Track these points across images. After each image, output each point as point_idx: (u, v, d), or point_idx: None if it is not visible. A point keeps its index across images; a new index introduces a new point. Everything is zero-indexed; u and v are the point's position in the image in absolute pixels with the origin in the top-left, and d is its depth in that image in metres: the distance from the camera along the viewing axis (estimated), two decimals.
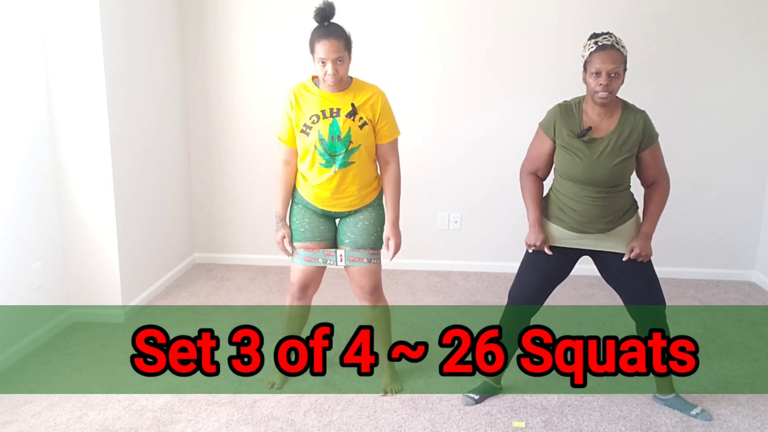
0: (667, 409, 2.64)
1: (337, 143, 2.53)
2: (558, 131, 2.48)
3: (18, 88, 3.04)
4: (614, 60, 2.33)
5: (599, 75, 2.33)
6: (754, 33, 3.94)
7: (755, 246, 4.22)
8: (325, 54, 2.42)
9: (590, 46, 2.39)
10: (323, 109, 2.52)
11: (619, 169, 2.41)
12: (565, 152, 2.46)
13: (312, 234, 2.67)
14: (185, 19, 4.23)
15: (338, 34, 2.46)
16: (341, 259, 2.64)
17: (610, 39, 2.36)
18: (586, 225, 2.49)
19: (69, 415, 2.58)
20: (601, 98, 2.36)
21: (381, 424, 2.53)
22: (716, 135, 4.10)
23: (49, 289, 3.31)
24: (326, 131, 2.52)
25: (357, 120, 2.53)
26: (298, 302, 2.78)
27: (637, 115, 2.44)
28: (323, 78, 2.47)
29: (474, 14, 4.07)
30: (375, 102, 2.57)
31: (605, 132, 2.42)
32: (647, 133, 2.43)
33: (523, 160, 2.66)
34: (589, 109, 2.45)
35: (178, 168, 4.25)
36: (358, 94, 2.55)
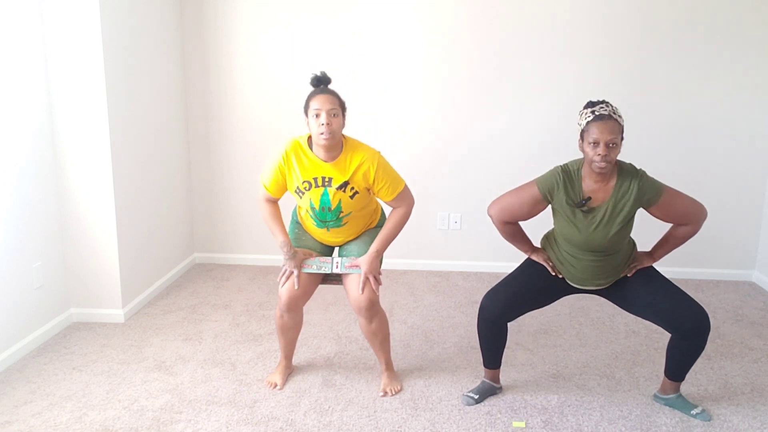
0: (667, 409, 2.64)
1: (327, 213, 2.58)
2: (558, 198, 2.43)
3: (18, 88, 3.03)
4: (612, 130, 2.27)
5: (597, 145, 2.29)
6: (754, 33, 3.94)
7: (755, 246, 4.22)
8: (319, 104, 2.42)
9: (587, 115, 2.34)
10: (315, 177, 2.52)
11: (617, 237, 2.40)
12: (563, 220, 2.45)
13: (311, 244, 2.72)
14: (185, 20, 4.23)
15: (333, 93, 2.49)
16: (337, 265, 2.62)
17: (606, 108, 2.31)
18: (585, 281, 2.52)
19: (69, 415, 2.58)
20: (599, 168, 2.32)
21: (381, 424, 2.53)
22: (716, 135, 4.10)
23: (49, 289, 3.31)
24: (317, 201, 2.55)
25: (348, 190, 2.53)
26: (287, 314, 2.69)
27: (632, 181, 2.37)
28: (318, 133, 2.43)
29: (477, 15, 4.07)
30: (368, 170, 2.52)
31: (602, 200, 2.40)
32: (643, 195, 2.36)
33: (496, 207, 2.54)
34: (587, 176, 2.41)
35: (178, 168, 4.25)
36: (351, 161, 2.52)
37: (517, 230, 2.60)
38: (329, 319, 3.55)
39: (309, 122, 2.47)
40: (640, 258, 2.56)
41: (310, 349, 3.18)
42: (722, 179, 4.15)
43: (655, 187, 2.38)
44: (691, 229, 2.46)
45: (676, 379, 2.60)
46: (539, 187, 2.45)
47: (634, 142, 4.04)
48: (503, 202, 2.53)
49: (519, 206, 2.49)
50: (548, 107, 4.16)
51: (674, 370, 2.58)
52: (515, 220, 2.54)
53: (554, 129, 4.15)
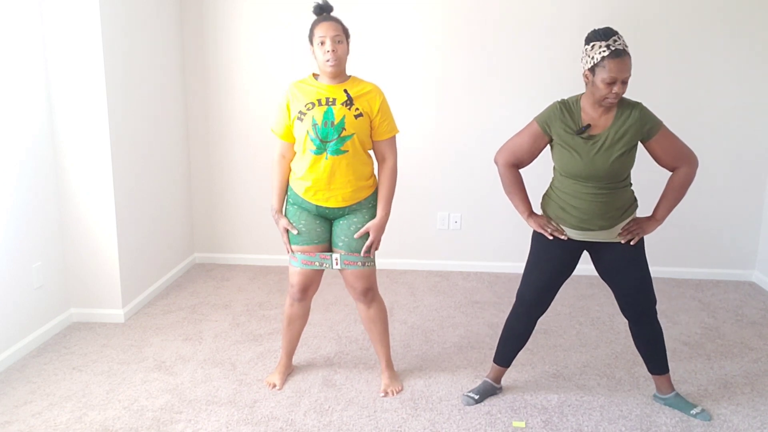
0: (667, 409, 2.64)
1: (329, 128, 2.53)
2: (556, 129, 2.46)
3: (18, 88, 3.03)
4: (628, 67, 2.25)
5: (613, 83, 2.28)
6: (754, 34, 3.94)
7: (755, 246, 4.22)
8: (324, 31, 2.47)
9: (602, 49, 2.27)
10: (319, 98, 2.54)
11: (618, 164, 2.40)
12: (564, 150, 2.45)
13: (309, 237, 2.67)
14: (185, 20, 4.23)
15: (336, 20, 2.54)
16: (336, 262, 2.65)
17: (620, 41, 2.27)
18: (588, 222, 2.48)
19: (69, 415, 2.58)
20: (610, 103, 2.34)
21: (381, 424, 2.53)
22: (716, 135, 4.10)
23: (49, 289, 3.31)
24: (320, 117, 2.53)
25: (353, 110, 2.54)
26: (298, 303, 2.78)
27: (633, 110, 2.40)
28: (324, 60, 2.47)
29: (475, 14, 4.07)
30: (373, 98, 2.59)
31: (602, 128, 2.41)
32: (645, 125, 2.40)
33: (501, 151, 2.59)
34: (587, 107, 2.43)
35: (178, 168, 4.25)
36: (355, 87, 2.58)
37: (518, 180, 2.60)
38: (329, 319, 3.55)
39: (314, 50, 2.51)
40: (643, 223, 2.51)
41: (310, 349, 3.18)
42: (722, 179, 4.15)
43: (654, 118, 2.43)
44: (687, 171, 2.48)
45: (659, 371, 2.63)
46: (538, 121, 2.50)
47: None
48: (507, 144, 2.58)
49: (520, 145, 2.53)
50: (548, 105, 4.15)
51: (652, 363, 2.63)
52: (519, 161, 2.56)
53: None
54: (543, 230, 2.53)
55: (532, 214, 2.59)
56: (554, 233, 2.51)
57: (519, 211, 2.62)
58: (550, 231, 2.52)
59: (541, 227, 2.54)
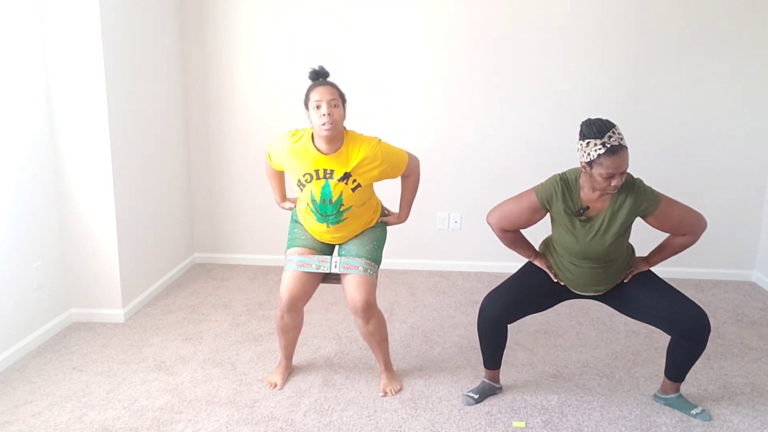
0: (667, 409, 2.64)
1: (328, 206, 2.57)
2: (556, 208, 2.42)
3: (18, 88, 3.03)
4: (625, 161, 2.21)
5: (611, 177, 2.24)
6: (755, 35, 3.94)
7: (755, 246, 4.22)
8: (320, 96, 2.41)
9: (597, 147, 2.22)
10: (317, 169, 2.52)
11: (614, 247, 2.39)
12: (561, 228, 2.44)
13: (311, 243, 2.70)
14: (185, 21, 4.23)
15: (332, 84, 2.49)
16: (336, 265, 2.62)
17: (615, 136, 2.22)
18: (584, 287, 2.52)
19: (69, 415, 2.58)
20: (609, 193, 2.32)
21: (381, 424, 2.53)
22: (716, 135, 4.10)
23: (49, 289, 3.31)
24: (318, 193, 2.54)
25: (350, 183, 2.53)
26: (288, 315, 2.68)
27: (629, 192, 2.34)
28: (319, 124, 2.41)
29: (478, 15, 4.07)
30: (370, 160, 2.52)
31: (599, 210, 2.38)
32: (640, 206, 2.34)
33: (495, 215, 2.52)
34: (585, 185, 2.38)
35: (178, 168, 4.25)
36: (352, 153, 2.51)
37: (518, 237, 2.59)
38: (329, 319, 3.54)
39: (310, 115, 2.46)
40: (637, 263, 2.56)
41: (310, 349, 3.18)
42: (722, 179, 4.15)
43: (651, 197, 2.35)
44: (689, 239, 2.44)
45: (676, 379, 2.60)
46: (538, 195, 2.44)
47: (631, 143, 4.04)
48: (502, 209, 2.51)
49: (518, 214, 2.48)
50: (548, 107, 4.15)
51: (674, 370, 2.58)
52: (514, 228, 2.53)
53: (554, 129, 4.15)
54: (548, 271, 2.56)
55: (537, 256, 2.61)
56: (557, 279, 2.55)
57: (524, 256, 2.64)
58: (553, 273, 2.55)
59: (548, 268, 2.57)
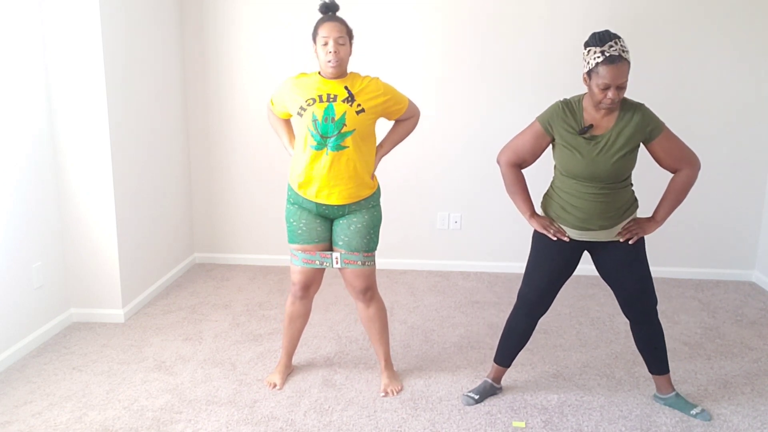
0: (667, 409, 2.64)
1: (330, 124, 2.54)
2: (558, 129, 2.45)
3: (18, 88, 3.03)
4: (623, 73, 2.24)
5: (607, 88, 2.28)
6: (754, 32, 3.94)
7: (755, 246, 4.22)
8: (327, 32, 2.50)
9: (596, 55, 2.27)
10: (320, 94, 2.56)
11: (620, 165, 2.40)
12: (566, 150, 2.45)
13: (309, 236, 2.67)
14: (185, 20, 4.23)
15: (341, 20, 2.57)
16: (337, 261, 2.67)
17: (616, 46, 2.25)
18: (588, 221, 2.48)
19: (69, 415, 2.58)
20: (606, 108, 2.35)
21: (381, 424, 2.53)
22: (716, 135, 4.10)
23: (49, 289, 3.31)
24: (320, 113, 2.54)
25: (354, 105, 2.55)
26: (300, 301, 2.78)
27: (635, 111, 2.40)
28: (325, 60, 2.51)
29: (477, 15, 4.07)
30: (373, 89, 2.59)
31: (605, 129, 2.41)
32: (647, 126, 2.39)
33: (503, 151, 2.60)
34: (589, 107, 2.42)
35: (178, 168, 4.25)
36: (355, 82, 2.59)
37: (521, 180, 2.60)
38: (329, 319, 3.55)
39: (317, 50, 2.54)
40: (643, 224, 2.52)
41: (310, 349, 3.18)
42: (722, 179, 4.15)
43: (656, 120, 2.42)
44: (688, 173, 2.47)
45: (658, 371, 2.63)
46: (540, 120, 2.50)
47: None
48: (509, 144, 2.59)
49: (522, 144, 2.54)
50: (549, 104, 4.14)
51: (652, 363, 2.63)
52: (521, 161, 2.57)
53: None
54: (546, 231, 2.53)
55: (534, 215, 2.59)
56: (557, 234, 2.51)
57: (521, 212, 2.62)
58: (552, 232, 2.52)
59: (544, 228, 2.54)
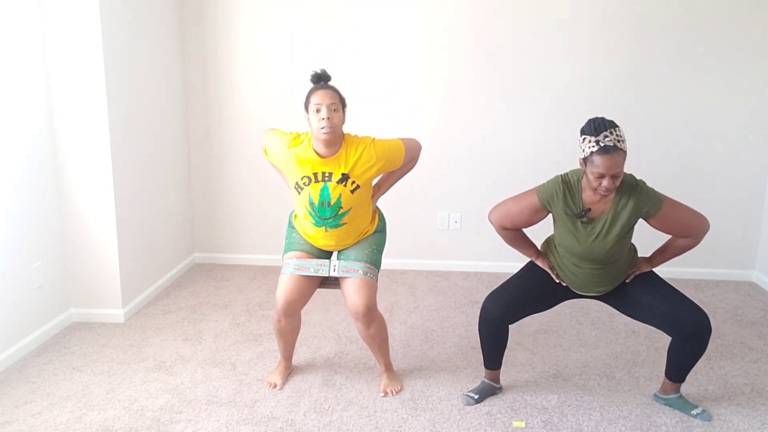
0: (667, 409, 2.64)
1: (326, 209, 2.56)
2: (557, 209, 2.42)
3: (18, 88, 3.03)
4: (617, 164, 2.21)
5: (602, 177, 2.25)
6: (755, 33, 3.94)
7: (755, 246, 4.22)
8: (320, 100, 2.44)
9: (591, 144, 2.24)
10: (315, 172, 2.53)
11: (616, 249, 2.39)
12: (563, 229, 2.44)
13: (309, 248, 2.70)
14: (185, 20, 4.23)
15: (333, 88, 2.51)
16: (335, 269, 2.60)
17: (611, 137, 2.22)
18: (585, 288, 2.52)
19: (69, 415, 2.58)
20: (601, 195, 2.32)
21: (381, 424, 2.53)
22: (716, 135, 4.10)
23: (49, 289, 3.31)
24: (316, 196, 2.54)
25: (349, 184, 2.53)
26: (284, 319, 2.66)
27: (631, 194, 2.34)
28: (318, 127, 2.43)
29: (478, 15, 4.07)
30: (367, 157, 2.53)
31: (601, 212, 2.38)
32: (642, 208, 2.35)
33: (496, 213, 2.53)
34: (587, 187, 2.38)
35: (178, 168, 4.25)
36: (350, 154, 2.53)
37: (519, 235, 2.59)
38: (329, 319, 3.55)
39: (309, 118, 2.48)
40: (639, 264, 2.56)
41: (310, 349, 3.18)
42: (722, 179, 4.15)
43: (654, 198, 2.35)
44: (691, 242, 2.45)
45: (676, 380, 2.60)
46: (539, 196, 2.44)
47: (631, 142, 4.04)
48: (503, 208, 2.52)
49: (518, 214, 2.49)
50: (548, 107, 4.15)
51: (675, 371, 2.58)
52: (515, 226, 2.54)
53: (554, 129, 4.15)
54: (551, 272, 2.56)
55: (540, 256, 2.61)
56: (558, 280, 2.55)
57: (526, 255, 2.63)
58: (555, 274, 2.55)
59: (550, 269, 2.57)
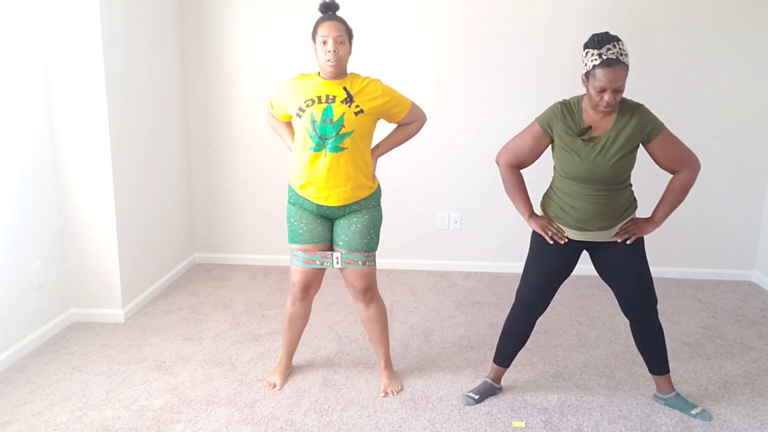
0: (667, 409, 2.64)
1: (328, 126, 2.54)
2: (557, 130, 2.45)
3: (18, 88, 3.03)
4: (619, 77, 2.24)
5: (603, 91, 2.28)
6: (755, 33, 3.94)
7: (755, 246, 4.22)
8: (327, 31, 2.50)
9: (593, 57, 2.26)
10: (319, 95, 2.56)
11: (618, 167, 2.40)
12: (564, 151, 2.44)
13: (310, 236, 2.68)
14: (185, 20, 4.23)
15: (340, 20, 2.56)
16: (337, 261, 2.67)
17: (614, 50, 2.24)
18: (586, 222, 2.48)
19: (69, 415, 2.58)
20: (603, 110, 2.34)
21: (381, 424, 2.53)
22: (716, 135, 4.10)
23: (49, 289, 3.31)
24: (319, 114, 2.54)
25: (353, 107, 2.55)
26: (299, 302, 2.78)
27: (634, 112, 2.39)
28: (324, 60, 2.51)
29: (476, 12, 4.07)
30: (372, 90, 2.58)
31: (603, 130, 2.41)
32: (645, 127, 2.39)
33: (502, 151, 2.59)
34: (588, 108, 2.42)
35: (178, 168, 4.25)
36: (354, 83, 2.59)
37: (520, 181, 2.61)
38: (329, 319, 3.55)
39: (316, 49, 2.54)
40: (641, 224, 2.52)
41: (310, 349, 3.18)
42: (722, 179, 4.15)
43: (655, 121, 2.41)
44: (688, 175, 2.47)
45: (658, 371, 2.63)
46: (539, 122, 2.50)
47: None
48: (509, 145, 2.58)
49: (521, 145, 2.53)
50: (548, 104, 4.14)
51: (652, 363, 2.63)
52: (520, 162, 2.57)
53: None
54: (543, 233, 2.54)
55: (533, 215, 2.59)
56: (554, 237, 2.52)
57: (520, 212, 2.62)
58: (550, 234, 2.53)
59: (542, 229, 2.54)
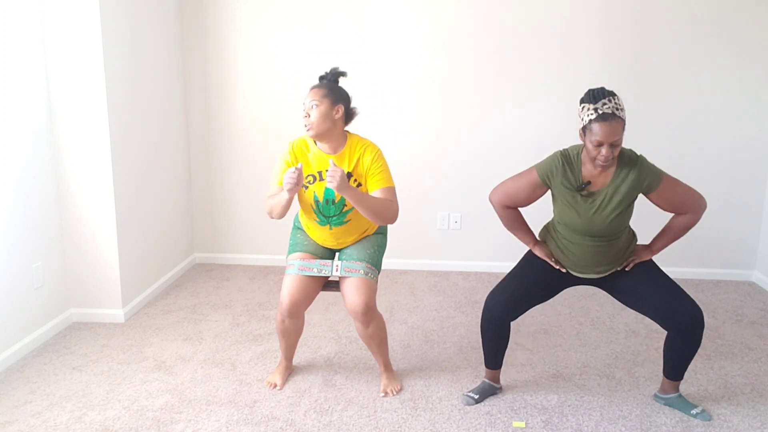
0: (667, 409, 2.64)
1: (331, 206, 2.59)
2: (556, 183, 2.42)
3: (18, 88, 3.03)
4: (616, 131, 2.22)
5: (601, 145, 2.25)
6: (754, 34, 3.94)
7: (755, 246, 4.22)
8: (306, 98, 2.51)
9: (589, 112, 2.25)
10: (320, 171, 2.56)
11: (617, 222, 2.39)
12: (563, 205, 2.44)
13: (313, 248, 2.72)
14: (185, 20, 4.23)
15: (323, 86, 2.52)
16: (337, 269, 2.62)
17: (609, 104, 2.23)
18: (585, 268, 2.51)
19: (69, 415, 2.58)
20: (601, 165, 2.32)
21: (381, 424, 2.53)
22: (716, 135, 4.10)
23: (49, 289, 3.31)
24: (321, 193, 2.57)
25: (351, 182, 2.54)
26: (288, 319, 2.66)
27: (632, 167, 2.35)
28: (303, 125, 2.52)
29: (478, 14, 4.07)
30: (366, 157, 2.56)
31: (602, 185, 2.39)
32: (644, 181, 2.35)
33: (496, 192, 2.55)
34: (587, 161, 2.39)
35: (178, 168, 4.25)
36: (353, 153, 2.56)
37: (518, 217, 2.60)
38: (329, 319, 3.55)
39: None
40: (639, 251, 2.55)
41: (310, 349, 3.18)
42: (722, 179, 4.15)
43: (654, 172, 2.37)
44: (691, 218, 2.45)
45: (674, 378, 2.60)
46: (538, 172, 2.46)
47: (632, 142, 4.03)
48: (503, 186, 2.55)
49: (517, 191, 2.50)
50: (548, 107, 4.16)
51: (672, 369, 2.58)
52: (515, 205, 2.55)
53: (554, 129, 4.14)
54: (548, 260, 2.55)
55: (537, 244, 2.60)
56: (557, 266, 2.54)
57: (523, 242, 2.63)
58: (554, 261, 2.55)
59: (547, 257, 2.56)
